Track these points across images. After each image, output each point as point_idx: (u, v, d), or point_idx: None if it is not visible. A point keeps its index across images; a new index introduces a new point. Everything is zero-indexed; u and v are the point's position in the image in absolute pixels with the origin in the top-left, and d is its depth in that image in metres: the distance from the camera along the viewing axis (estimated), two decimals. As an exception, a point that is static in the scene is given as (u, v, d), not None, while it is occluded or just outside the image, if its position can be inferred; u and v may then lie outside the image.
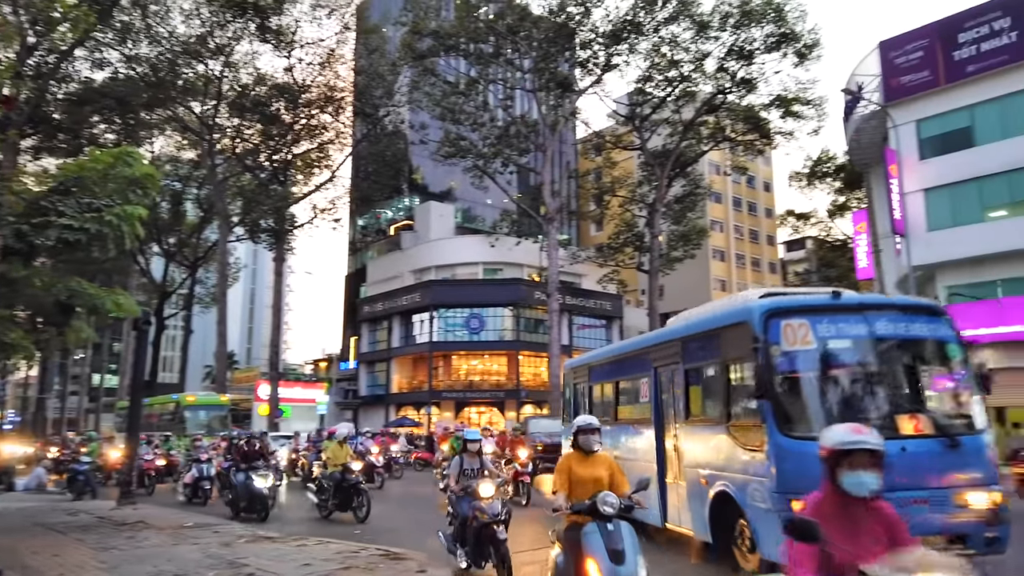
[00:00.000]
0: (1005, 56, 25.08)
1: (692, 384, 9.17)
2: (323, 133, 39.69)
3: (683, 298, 57.13)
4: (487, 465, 8.23)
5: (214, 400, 31.98)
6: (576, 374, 14.28)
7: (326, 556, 8.16)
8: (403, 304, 48.41)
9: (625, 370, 11.79)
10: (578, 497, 5.36)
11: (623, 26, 34.85)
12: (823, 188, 52.17)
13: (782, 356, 7.07)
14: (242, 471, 13.15)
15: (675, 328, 10.08)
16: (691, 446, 8.91)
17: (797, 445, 6.67)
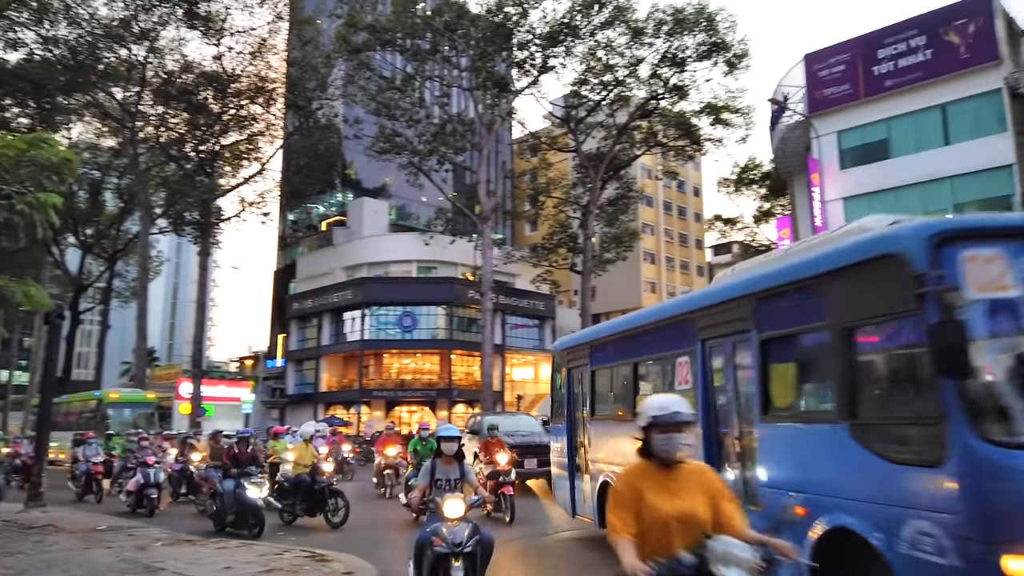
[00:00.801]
0: (920, 73, 26.37)
1: (774, 361, 6.30)
2: (253, 124, 38.64)
3: (615, 299, 58.18)
4: (469, 476, 6.30)
5: (139, 397, 30.55)
6: (571, 356, 11.23)
7: (248, 559, 7.93)
8: (334, 301, 47.59)
9: (649, 346, 8.77)
10: (657, 547, 3.05)
11: (560, 29, 35.18)
12: (749, 194, 53.85)
13: (973, 308, 4.38)
14: (232, 478, 11.41)
15: (743, 281, 6.90)
16: (774, 454, 6.09)
17: (1015, 458, 4.08)
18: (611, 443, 9.27)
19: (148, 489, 13.93)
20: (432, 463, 6.29)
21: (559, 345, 12.42)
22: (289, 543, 9.68)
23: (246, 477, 11.32)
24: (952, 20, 25.73)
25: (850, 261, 5.32)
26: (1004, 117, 24.47)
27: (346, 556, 8.23)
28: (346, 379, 48.28)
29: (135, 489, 14.11)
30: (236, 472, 11.41)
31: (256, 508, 11.08)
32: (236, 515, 11.20)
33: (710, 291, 7.89)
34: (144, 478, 14.00)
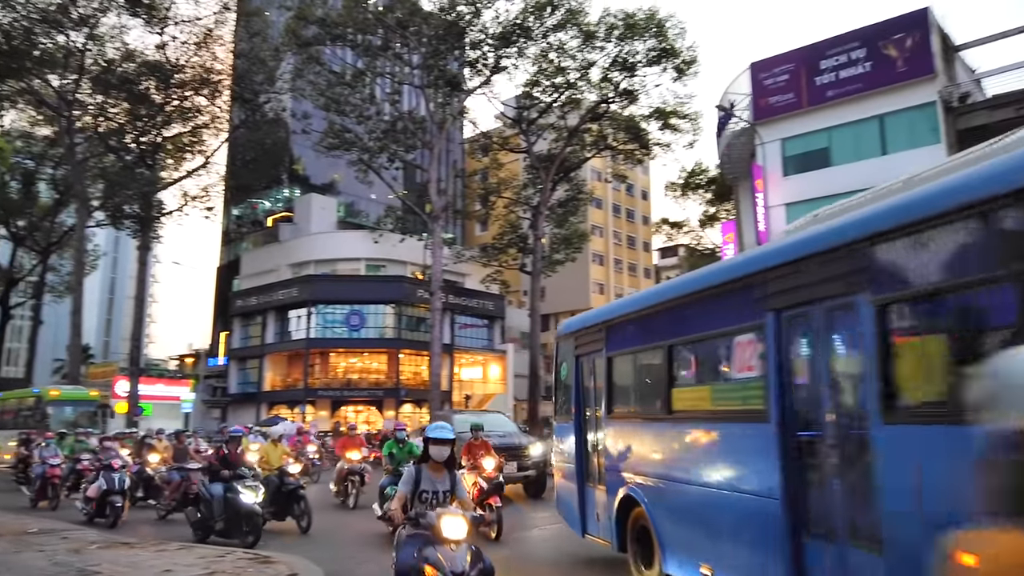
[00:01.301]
0: (860, 84, 27.27)
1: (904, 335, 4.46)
2: (197, 116, 37.65)
3: (564, 300, 58.60)
4: (460, 490, 5.22)
5: (82, 395, 29.20)
6: (580, 341, 9.28)
7: (188, 562, 7.72)
8: (279, 299, 46.73)
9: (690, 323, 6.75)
10: None
11: (512, 30, 35.26)
12: (696, 199, 54.90)
13: None
14: (220, 481, 10.32)
15: (847, 223, 4.89)
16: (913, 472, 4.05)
17: None
18: (636, 448, 7.57)
19: (112, 496, 12.26)
20: (416, 469, 5.12)
21: (565, 328, 10.08)
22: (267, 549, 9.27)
23: (239, 480, 10.30)
24: (890, 34, 26.69)
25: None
26: (938, 129, 25.49)
27: (290, 557, 8.08)
28: (291, 378, 47.48)
29: (96, 496, 12.35)
30: (228, 475, 10.31)
31: (252, 514, 10.07)
32: (227, 522, 10.19)
33: (789, 242, 5.60)
34: (108, 484, 12.27)
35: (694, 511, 6.33)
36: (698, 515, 6.28)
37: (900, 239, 4.34)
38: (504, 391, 48.01)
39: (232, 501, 10.08)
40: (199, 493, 10.78)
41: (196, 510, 10.72)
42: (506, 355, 49.02)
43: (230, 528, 10.12)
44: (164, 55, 35.03)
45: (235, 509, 10.04)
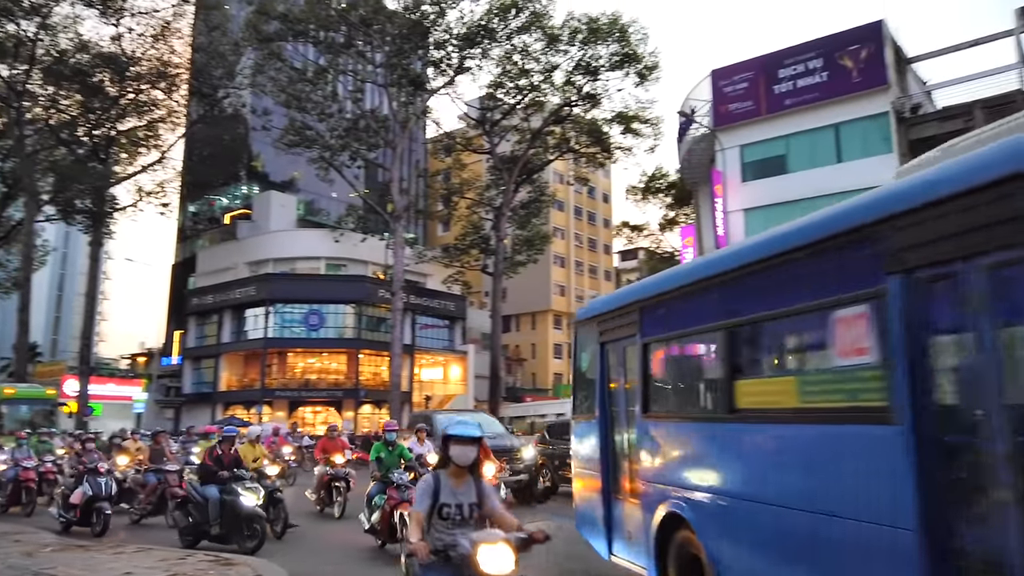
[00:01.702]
0: (816, 93, 27.94)
1: None
2: (153, 110, 36.88)
3: (525, 301, 58.80)
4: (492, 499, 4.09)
5: (38, 393, 27.81)
6: (606, 325, 7.84)
7: (149, 564, 7.57)
8: (237, 297, 45.94)
9: (760, 297, 5.29)
10: None
11: (477, 31, 35.31)
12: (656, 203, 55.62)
13: None
14: (218, 483, 9.66)
15: None
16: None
17: None
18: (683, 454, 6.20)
19: (99, 503, 11.07)
20: (435, 477, 4.03)
21: (586, 312, 8.55)
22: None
23: (238, 481, 9.66)
24: (846, 45, 27.41)
25: None
26: (891, 139, 26.26)
27: (254, 560, 7.98)
28: (247, 378, 46.72)
29: (80, 502, 11.14)
30: (226, 476, 9.66)
31: (254, 517, 9.48)
32: (225, 526, 9.54)
33: (931, 177, 3.98)
34: (93, 489, 11.09)
35: (771, 541, 4.90)
36: (777, 546, 4.83)
37: None
38: (465, 392, 47.96)
39: (231, 504, 9.49)
40: (188, 496, 10.09)
41: (185, 514, 9.99)
42: (467, 356, 48.98)
43: (229, 533, 9.52)
44: (120, 47, 34.24)
45: (234, 512, 9.46)
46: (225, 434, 10.51)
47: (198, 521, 9.72)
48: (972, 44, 28.83)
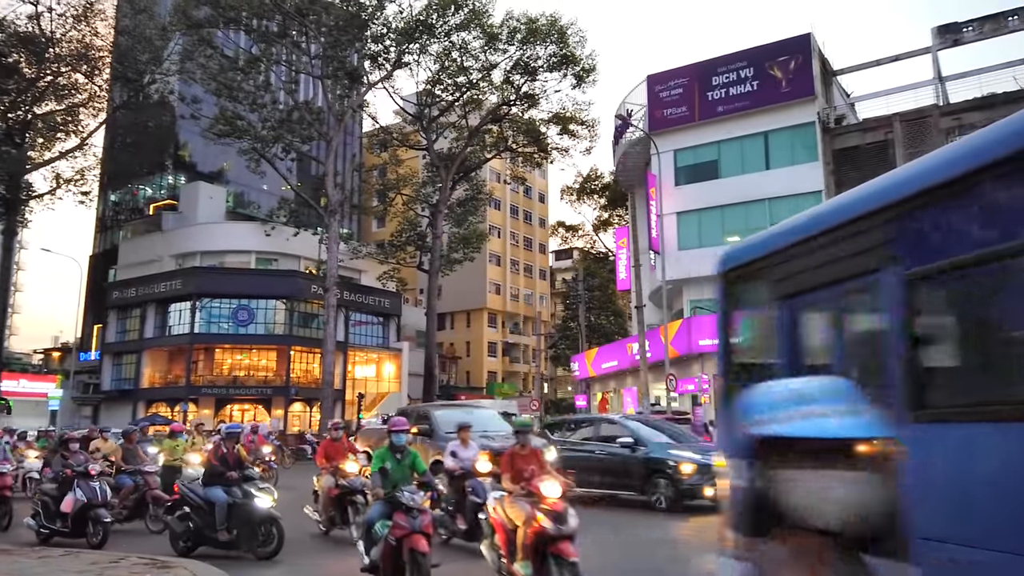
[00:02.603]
0: (747, 101, 28.90)
1: None
2: (74, 94, 35.19)
3: (461, 299, 58.71)
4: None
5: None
6: (798, 264, 4.32)
7: (78, 568, 7.27)
8: (161, 291, 44.32)
9: None
10: None
11: (416, 25, 35.03)
12: (591, 204, 56.50)
13: None
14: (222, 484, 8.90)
15: None
16: None
17: None
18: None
19: (95, 510, 9.72)
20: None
21: (742, 254, 5.23)
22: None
23: (248, 482, 8.94)
24: (776, 56, 28.44)
25: None
26: (816, 147, 27.38)
27: (192, 563, 7.77)
28: (172, 375, 45.14)
29: (72, 510, 9.74)
30: (236, 476, 8.95)
31: (269, 520, 8.70)
32: (236, 531, 8.78)
33: None
34: (88, 495, 9.74)
35: None
36: None
37: None
38: (399, 390, 47.59)
39: (242, 507, 8.75)
40: (185, 499, 9.17)
41: (182, 519, 9.12)
42: (401, 353, 48.60)
43: (240, 538, 8.75)
44: (38, 26, 32.55)
45: (246, 516, 8.70)
46: (228, 431, 9.74)
47: (200, 527, 8.91)
48: (893, 59, 30.31)
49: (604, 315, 55.44)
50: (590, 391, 39.98)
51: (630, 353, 30.16)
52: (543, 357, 55.63)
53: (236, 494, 8.83)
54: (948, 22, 29.11)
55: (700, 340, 26.24)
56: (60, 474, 10.32)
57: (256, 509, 8.73)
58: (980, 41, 28.25)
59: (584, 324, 45.23)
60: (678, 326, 27.29)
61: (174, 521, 9.20)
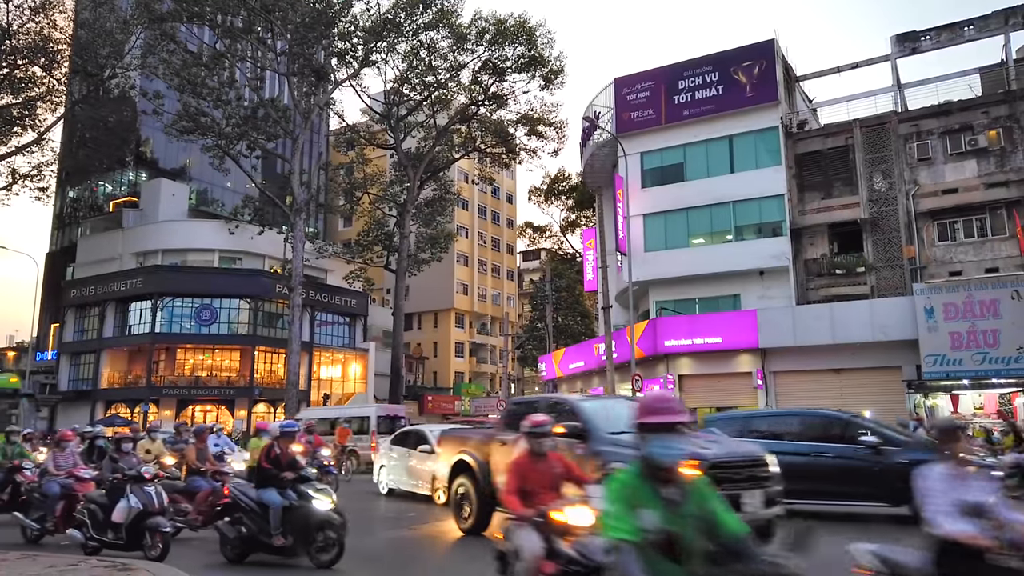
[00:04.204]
0: (712, 105, 29.28)
1: None
2: (31, 88, 34.25)
3: (428, 300, 58.53)
4: None
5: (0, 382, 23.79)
6: None
7: (34, 572, 7.10)
8: (121, 290, 43.45)
9: None
10: None
11: (384, 24, 34.86)
12: (558, 205, 56.75)
13: None
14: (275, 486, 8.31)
15: None
16: None
17: None
18: None
19: (152, 518, 8.52)
20: None
21: None
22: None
23: (305, 483, 8.32)
24: (741, 61, 28.88)
25: None
26: (779, 152, 27.86)
27: (154, 565, 7.64)
28: (132, 375, 44.27)
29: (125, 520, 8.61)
30: (292, 477, 8.32)
31: (328, 524, 8.04)
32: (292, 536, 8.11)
33: None
34: (143, 502, 8.63)
35: None
36: None
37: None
38: (364, 390, 47.28)
39: (299, 510, 8.13)
40: (236, 502, 8.52)
41: (233, 524, 8.46)
42: (368, 354, 48.28)
43: (297, 543, 8.12)
44: (-7, 17, 31.64)
45: (304, 520, 8.08)
46: (284, 429, 8.92)
47: (254, 532, 8.27)
48: (853, 66, 30.98)
49: (571, 316, 55.71)
50: (557, 391, 40.18)
51: (596, 353, 30.37)
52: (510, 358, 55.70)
53: (291, 496, 8.23)
54: (907, 31, 29.88)
55: (666, 341, 26.54)
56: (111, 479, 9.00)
57: (314, 512, 8.08)
58: (937, 50, 29.05)
59: (551, 325, 45.40)
60: (644, 327, 27.56)
61: (225, 526, 8.59)
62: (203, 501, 10.17)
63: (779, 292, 27.09)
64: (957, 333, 22.19)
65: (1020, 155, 24.86)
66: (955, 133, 25.91)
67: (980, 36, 28.12)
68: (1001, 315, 21.70)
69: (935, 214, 25.88)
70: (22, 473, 11.53)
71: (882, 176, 26.60)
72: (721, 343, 25.85)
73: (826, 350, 23.93)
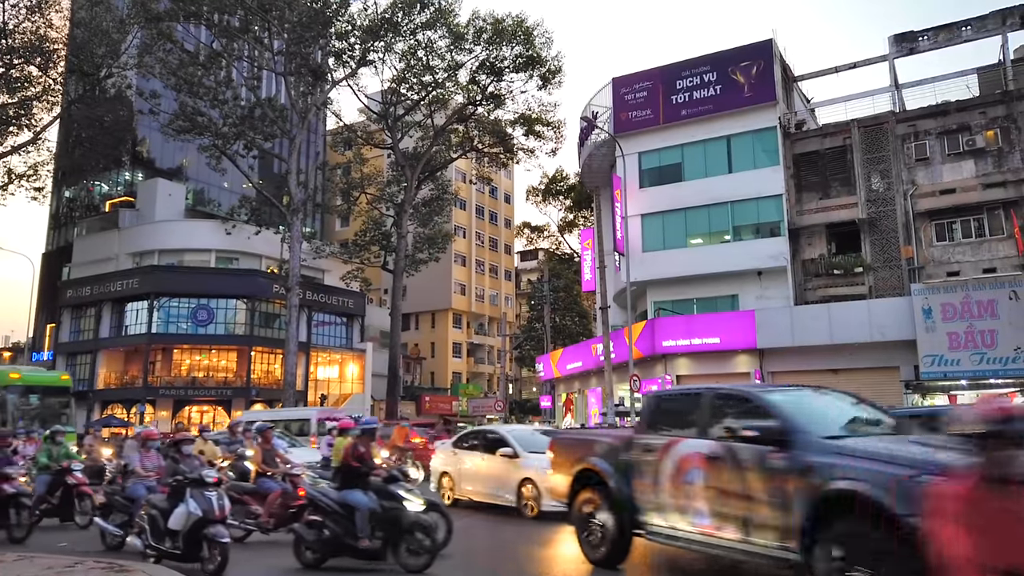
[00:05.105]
0: (710, 106, 29.25)
1: None
2: (27, 87, 34.13)
3: (425, 300, 58.44)
4: None
5: (50, 379, 22.91)
6: None
7: (34, 573, 7.05)
8: (118, 290, 43.35)
9: None
10: None
11: (381, 23, 34.80)
12: (556, 205, 56.72)
13: None
14: (363, 487, 7.95)
15: None
16: None
17: None
18: None
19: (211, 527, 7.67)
20: None
21: None
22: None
23: (393, 483, 7.93)
24: (739, 61, 28.84)
25: None
26: (777, 152, 27.85)
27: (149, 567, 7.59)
28: (128, 375, 44.16)
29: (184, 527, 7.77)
30: (384, 476, 7.96)
31: (422, 526, 7.69)
32: (382, 539, 7.75)
33: None
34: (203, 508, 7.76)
35: None
36: None
37: None
38: (362, 391, 47.20)
39: (388, 512, 7.74)
40: (316, 504, 8.11)
41: (313, 526, 8.02)
42: (365, 354, 48.20)
43: (385, 546, 7.73)
44: (-11, 17, 31.51)
45: (394, 521, 7.69)
46: (365, 427, 8.51)
47: (338, 534, 7.84)
48: (851, 66, 30.98)
49: (569, 316, 55.70)
50: (555, 392, 40.12)
51: (594, 354, 30.33)
52: (508, 358, 55.67)
53: (374, 497, 7.89)
54: (904, 31, 29.88)
55: (664, 341, 26.50)
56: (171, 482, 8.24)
57: (406, 514, 7.74)
58: (935, 50, 29.03)
59: (549, 325, 45.37)
60: (642, 327, 27.53)
61: (303, 529, 8.11)
62: (274, 503, 9.68)
63: (777, 292, 27.08)
64: (955, 333, 22.19)
65: (1018, 155, 24.88)
66: (953, 133, 25.91)
67: (978, 36, 28.12)
68: (999, 315, 21.70)
69: (933, 214, 25.87)
70: (72, 475, 11.09)
71: (880, 176, 26.60)
72: (719, 343, 25.81)
73: (824, 350, 23.91)
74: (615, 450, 7.85)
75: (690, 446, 6.77)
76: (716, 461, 6.42)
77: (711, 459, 6.46)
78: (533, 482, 11.75)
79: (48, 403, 21.27)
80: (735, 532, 6.21)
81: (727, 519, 6.28)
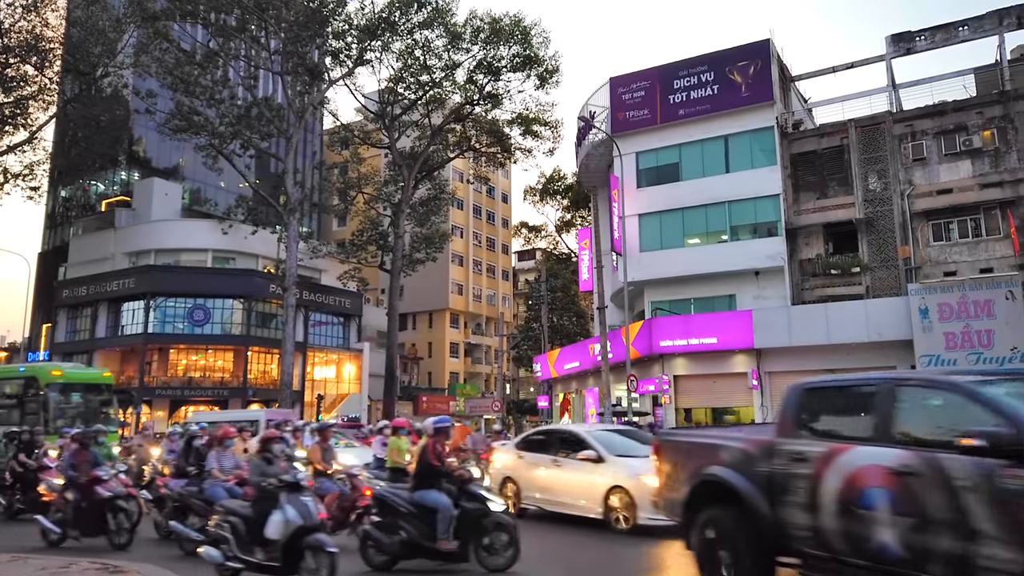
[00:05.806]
0: (708, 105, 29.26)
1: None
2: (23, 87, 34.01)
3: (423, 299, 58.40)
4: None
5: (93, 376, 22.44)
6: None
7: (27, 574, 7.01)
8: (114, 290, 43.25)
9: None
10: None
11: (378, 23, 34.75)
12: (553, 205, 56.71)
13: None
14: (440, 488, 7.76)
15: None
16: None
17: None
18: None
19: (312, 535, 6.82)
20: None
21: None
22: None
23: (471, 484, 7.82)
24: (736, 61, 28.86)
25: None
26: (775, 152, 27.86)
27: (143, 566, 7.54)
28: (124, 375, 44.00)
29: (282, 536, 6.81)
30: (467, 477, 7.88)
31: (503, 526, 7.58)
32: (462, 541, 7.57)
33: None
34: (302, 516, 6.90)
35: None
36: None
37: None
38: (359, 391, 47.13)
39: (469, 512, 7.59)
40: (389, 505, 7.84)
41: (384, 527, 7.78)
42: (362, 354, 48.14)
43: (466, 547, 7.55)
44: (-16, 16, 31.41)
45: (475, 521, 7.58)
46: (438, 426, 8.18)
47: (414, 536, 7.59)
48: (848, 66, 31.01)
49: (566, 316, 55.67)
50: (552, 392, 40.10)
51: (592, 354, 30.31)
52: (505, 358, 55.65)
53: (466, 498, 7.71)
54: (901, 31, 29.91)
55: (661, 341, 26.50)
56: (263, 485, 7.17)
57: (488, 513, 7.59)
58: (932, 50, 29.07)
59: (547, 325, 45.34)
60: (639, 327, 27.51)
61: (376, 531, 7.85)
62: (331, 505, 9.32)
63: (774, 292, 27.09)
64: (952, 333, 22.21)
65: (1014, 155, 24.91)
66: (950, 133, 25.94)
67: (974, 37, 28.16)
68: (995, 315, 21.73)
69: (930, 214, 25.90)
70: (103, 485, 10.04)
71: (877, 176, 26.62)
72: (716, 343, 25.81)
73: (821, 350, 23.91)
74: (750, 459, 6.11)
75: (865, 456, 5.14)
76: (909, 478, 4.82)
77: (900, 475, 4.87)
78: (625, 490, 10.40)
79: (89, 401, 20.62)
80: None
81: (932, 559, 4.63)
